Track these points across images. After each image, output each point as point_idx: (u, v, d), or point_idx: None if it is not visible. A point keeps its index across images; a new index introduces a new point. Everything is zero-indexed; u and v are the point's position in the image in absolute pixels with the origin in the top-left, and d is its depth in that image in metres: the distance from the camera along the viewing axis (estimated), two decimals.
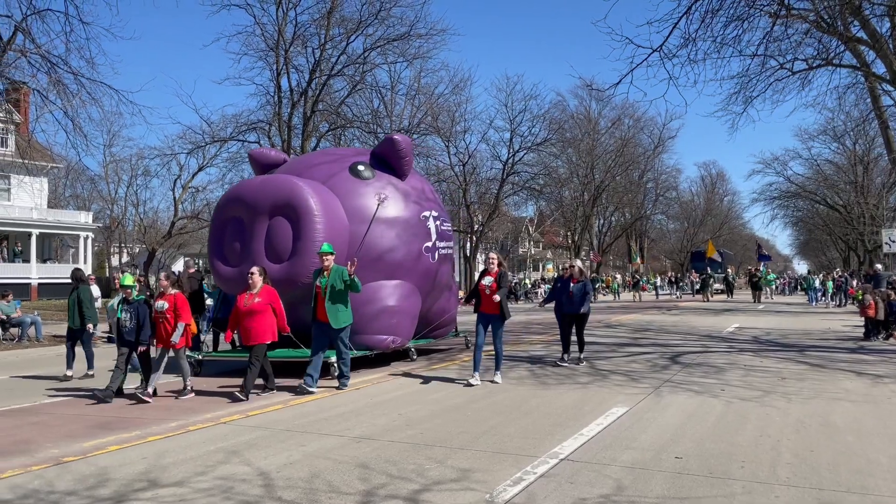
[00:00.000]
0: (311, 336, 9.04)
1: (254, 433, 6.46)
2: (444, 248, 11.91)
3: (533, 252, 69.69)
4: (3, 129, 30.00)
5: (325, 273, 8.90)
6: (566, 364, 10.78)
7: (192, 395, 8.61)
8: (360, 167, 11.16)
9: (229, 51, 72.17)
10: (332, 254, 8.98)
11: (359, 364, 10.89)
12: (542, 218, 62.65)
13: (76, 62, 21.20)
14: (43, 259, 37.59)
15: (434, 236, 11.60)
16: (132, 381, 9.13)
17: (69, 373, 10.43)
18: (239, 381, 8.87)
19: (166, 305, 8.51)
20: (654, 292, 42.65)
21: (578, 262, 11.55)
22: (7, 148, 29.43)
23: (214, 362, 11.37)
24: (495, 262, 9.32)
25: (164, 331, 8.50)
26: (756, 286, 35.90)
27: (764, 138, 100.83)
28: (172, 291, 8.67)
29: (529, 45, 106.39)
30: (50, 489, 4.80)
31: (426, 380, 9.64)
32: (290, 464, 5.36)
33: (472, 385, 8.85)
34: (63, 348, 11.06)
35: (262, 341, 8.46)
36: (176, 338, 8.42)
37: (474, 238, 43.09)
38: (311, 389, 8.56)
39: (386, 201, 10.85)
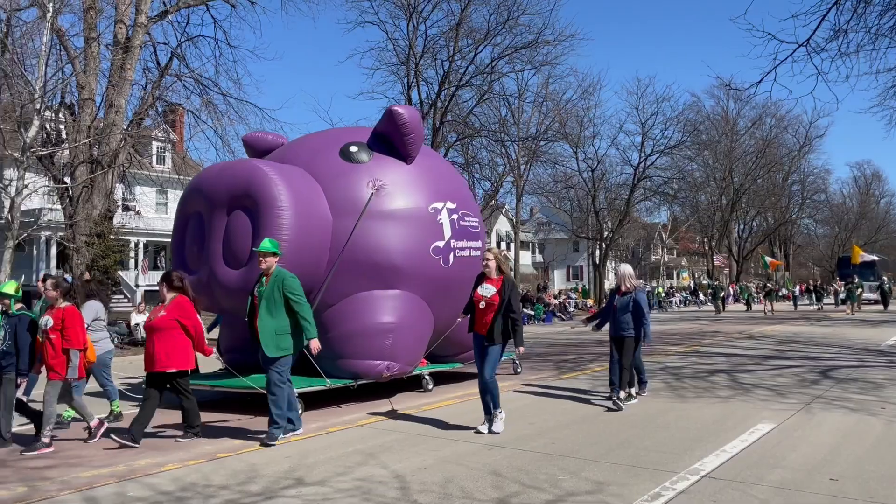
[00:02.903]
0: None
1: (389, 436, 6.64)
2: (464, 248, 9.38)
3: (666, 259, 67.29)
4: (161, 148, 32.68)
5: (265, 280, 6.70)
6: (618, 405, 7.95)
7: (50, 449, 6.28)
8: (353, 148, 9.01)
9: (363, 66, 75.37)
10: (273, 254, 6.69)
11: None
12: (676, 224, 60.44)
13: (225, 83, 22.78)
14: None
15: (448, 233, 9.17)
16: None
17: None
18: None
19: (51, 322, 6.39)
20: (793, 302, 39.36)
21: (624, 268, 8.53)
22: (165, 165, 32.05)
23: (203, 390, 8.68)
24: (492, 263, 6.79)
25: (48, 355, 6.38)
26: None
27: None
28: (63, 304, 6.53)
29: (662, 45, 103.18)
30: (206, 483, 5.15)
31: (547, 390, 9.52)
32: (424, 468, 5.46)
33: (480, 432, 6.70)
34: None
35: (164, 369, 6.46)
36: (72, 373, 6.33)
37: (604, 245, 42.22)
38: (273, 442, 6.32)
39: (382, 189, 8.72)
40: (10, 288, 6.79)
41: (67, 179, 20.23)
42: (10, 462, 5.82)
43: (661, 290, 44.36)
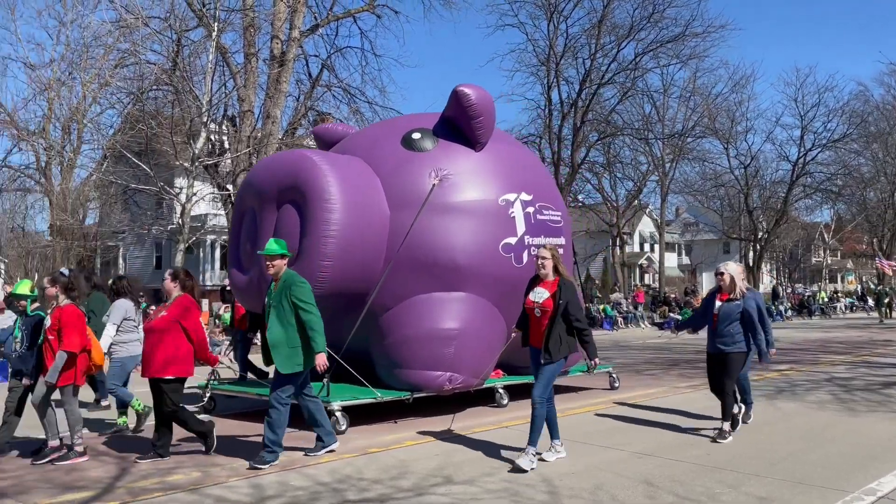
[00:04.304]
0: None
1: None
2: (541, 246, 7.82)
3: (829, 262, 62.47)
4: None
5: (274, 286, 5.98)
6: (723, 438, 6.54)
7: (85, 458, 5.89)
8: (415, 135, 8.18)
9: (503, 68, 75.40)
10: (280, 256, 5.91)
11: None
12: (840, 223, 55.99)
13: (371, 92, 23.59)
14: None
15: (521, 229, 8.12)
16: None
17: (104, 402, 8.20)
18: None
19: (49, 323, 5.91)
20: None
21: (732, 267, 6.98)
22: None
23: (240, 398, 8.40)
24: (549, 263, 5.76)
25: (47, 359, 5.86)
26: None
27: None
28: (63, 303, 5.96)
29: (823, 32, 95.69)
30: (360, 476, 5.35)
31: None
32: (573, 473, 5.37)
33: (523, 470, 5.41)
34: None
35: (159, 374, 5.81)
36: (52, 376, 5.69)
37: (758, 247, 39.85)
38: (262, 466, 5.57)
39: (445, 180, 7.80)
40: (25, 288, 6.41)
41: (230, 187, 21.77)
42: (184, 449, 6.30)
43: (823, 294, 41.23)
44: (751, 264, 40.49)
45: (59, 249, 24.49)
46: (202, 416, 7.23)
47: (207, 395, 8.26)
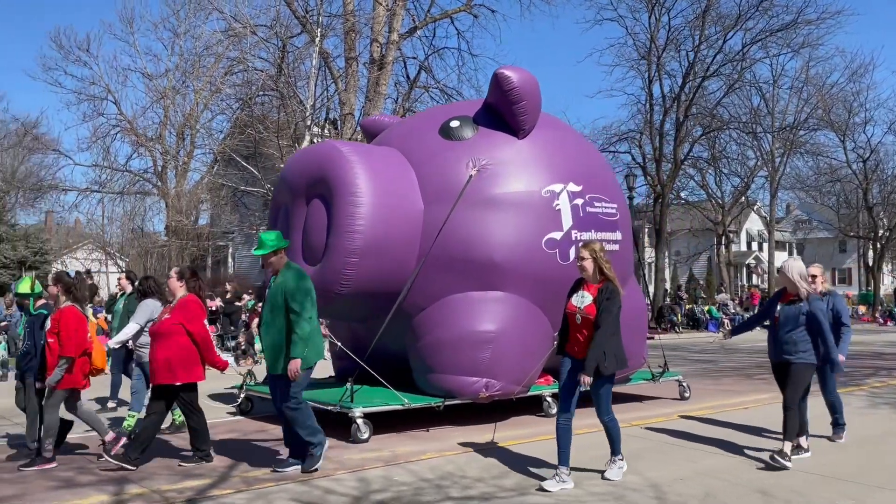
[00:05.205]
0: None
1: (638, 443, 6.42)
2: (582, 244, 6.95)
3: None
4: None
5: (274, 279, 5.55)
6: (777, 461, 5.52)
7: (53, 464, 5.61)
8: (454, 123, 7.68)
9: (601, 63, 74.12)
10: (273, 252, 5.50)
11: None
12: None
13: (467, 92, 23.65)
14: None
15: (568, 222, 7.44)
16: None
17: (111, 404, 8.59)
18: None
19: (48, 325, 5.72)
20: None
21: (792, 264, 5.87)
22: None
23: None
24: (588, 264, 5.09)
25: (50, 362, 5.65)
26: None
27: None
28: (63, 304, 5.73)
29: None
30: (462, 474, 5.37)
31: None
32: (681, 479, 5.20)
33: (547, 490, 4.90)
34: None
35: (166, 381, 5.57)
36: (52, 380, 5.53)
37: (878, 245, 37.38)
38: (285, 470, 5.38)
39: (484, 170, 7.26)
40: (25, 286, 6.21)
41: None
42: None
43: None
44: (869, 265, 38.08)
45: (175, 249, 25.89)
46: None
47: (242, 395, 8.07)
